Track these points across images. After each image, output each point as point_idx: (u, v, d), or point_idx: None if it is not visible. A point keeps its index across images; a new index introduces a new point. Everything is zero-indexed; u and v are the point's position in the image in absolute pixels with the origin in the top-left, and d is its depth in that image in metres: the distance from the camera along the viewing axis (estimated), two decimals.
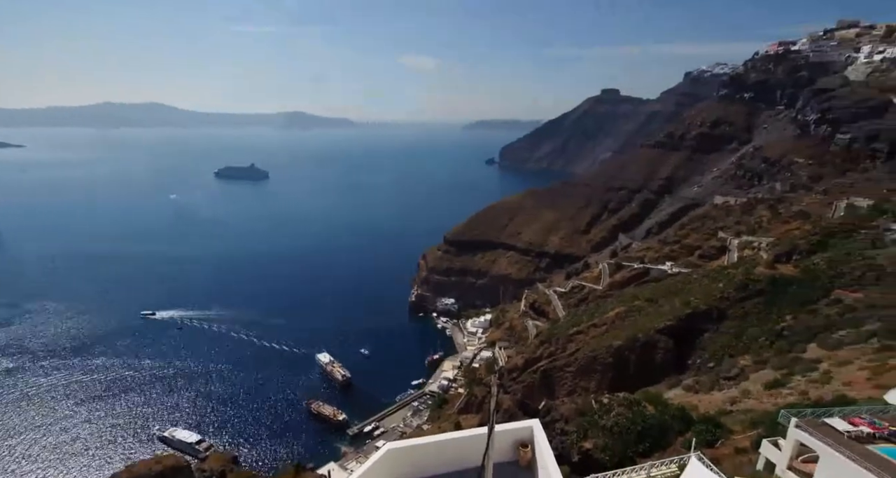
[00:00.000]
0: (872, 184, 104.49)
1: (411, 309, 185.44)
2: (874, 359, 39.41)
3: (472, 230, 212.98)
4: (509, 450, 9.56)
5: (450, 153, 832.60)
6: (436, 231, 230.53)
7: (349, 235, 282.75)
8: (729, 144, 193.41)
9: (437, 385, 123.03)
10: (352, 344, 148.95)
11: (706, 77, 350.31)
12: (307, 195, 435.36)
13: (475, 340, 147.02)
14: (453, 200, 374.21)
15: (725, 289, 72.04)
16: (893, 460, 17.66)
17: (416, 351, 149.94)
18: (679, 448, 34.38)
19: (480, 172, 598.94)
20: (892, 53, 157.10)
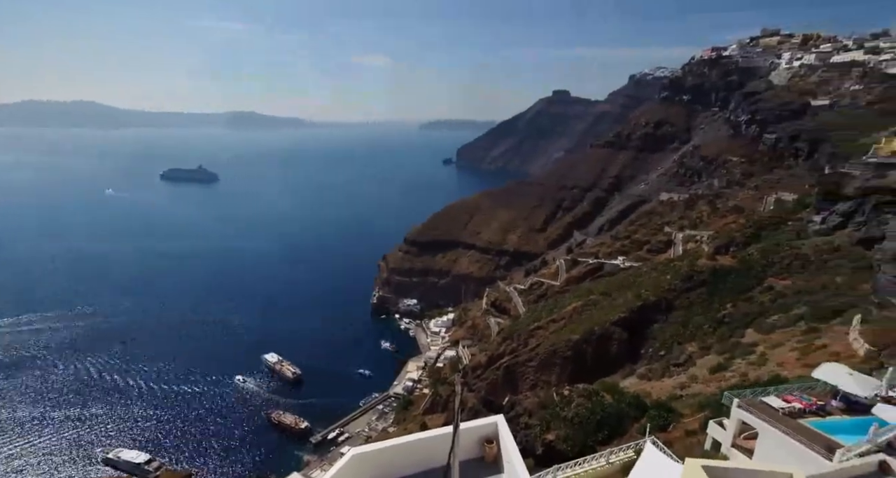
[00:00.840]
0: (796, 180, 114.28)
1: (373, 311, 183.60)
2: (802, 340, 43.37)
3: (432, 230, 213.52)
4: (475, 447, 9.61)
5: (407, 153, 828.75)
6: (396, 231, 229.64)
7: (306, 238, 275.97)
8: (671, 144, 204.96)
9: (401, 387, 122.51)
10: (317, 349, 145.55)
11: (649, 80, 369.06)
12: (260, 197, 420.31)
13: (439, 340, 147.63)
14: (412, 200, 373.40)
15: (672, 281, 76.64)
16: (821, 432, 19.66)
17: (379, 354, 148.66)
18: (635, 434, 36.17)
19: (438, 171, 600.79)
20: (808, 60, 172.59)
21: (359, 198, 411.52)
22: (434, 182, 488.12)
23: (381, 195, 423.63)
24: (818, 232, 76.88)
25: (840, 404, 21.94)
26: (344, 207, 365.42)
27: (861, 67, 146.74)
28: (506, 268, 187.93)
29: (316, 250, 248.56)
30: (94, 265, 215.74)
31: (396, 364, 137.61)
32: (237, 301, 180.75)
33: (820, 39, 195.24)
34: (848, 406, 21.66)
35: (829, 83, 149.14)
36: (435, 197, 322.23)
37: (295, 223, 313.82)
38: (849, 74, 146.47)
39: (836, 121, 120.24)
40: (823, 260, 65.36)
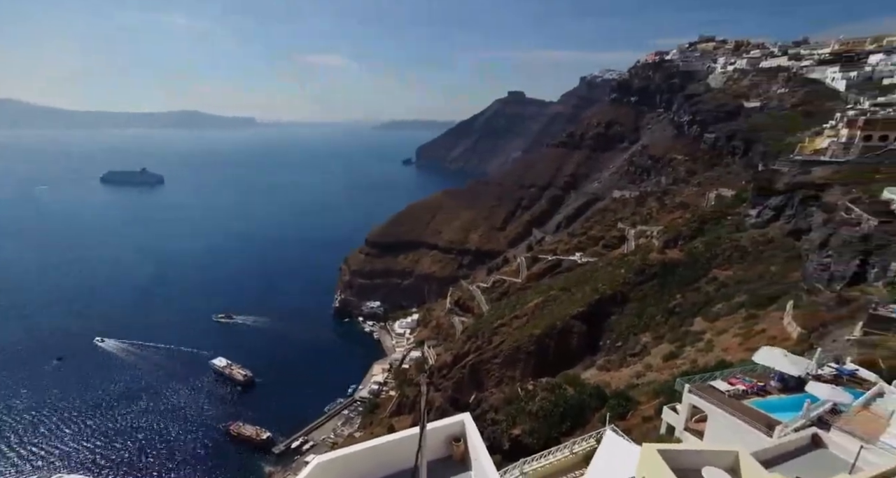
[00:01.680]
0: (734, 177, 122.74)
1: (336, 315, 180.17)
2: (743, 326, 46.86)
3: (393, 231, 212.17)
4: (443, 446, 9.56)
5: (365, 153, 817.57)
6: (357, 233, 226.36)
7: (262, 242, 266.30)
8: (621, 143, 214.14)
9: (367, 390, 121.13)
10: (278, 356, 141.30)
11: (598, 82, 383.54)
12: (211, 201, 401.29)
13: (404, 342, 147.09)
14: (372, 200, 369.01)
15: (626, 275, 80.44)
16: (762, 411, 21.44)
17: (343, 359, 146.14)
18: (596, 424, 37.64)
19: (398, 171, 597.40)
20: (740, 65, 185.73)
21: (317, 199, 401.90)
22: (394, 182, 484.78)
23: (341, 196, 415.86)
24: (754, 225, 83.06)
25: (778, 384, 23.94)
26: (302, 210, 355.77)
27: (786, 72, 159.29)
28: (468, 267, 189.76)
29: (273, 254, 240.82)
30: (21, 276, 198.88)
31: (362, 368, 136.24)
32: (184, 309, 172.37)
33: (750, 46, 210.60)
34: (784, 385, 23.67)
35: (759, 86, 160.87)
36: (396, 197, 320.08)
37: (249, 226, 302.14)
38: (776, 79, 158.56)
39: (765, 122, 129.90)
40: (759, 251, 70.76)
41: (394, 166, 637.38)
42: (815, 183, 72.38)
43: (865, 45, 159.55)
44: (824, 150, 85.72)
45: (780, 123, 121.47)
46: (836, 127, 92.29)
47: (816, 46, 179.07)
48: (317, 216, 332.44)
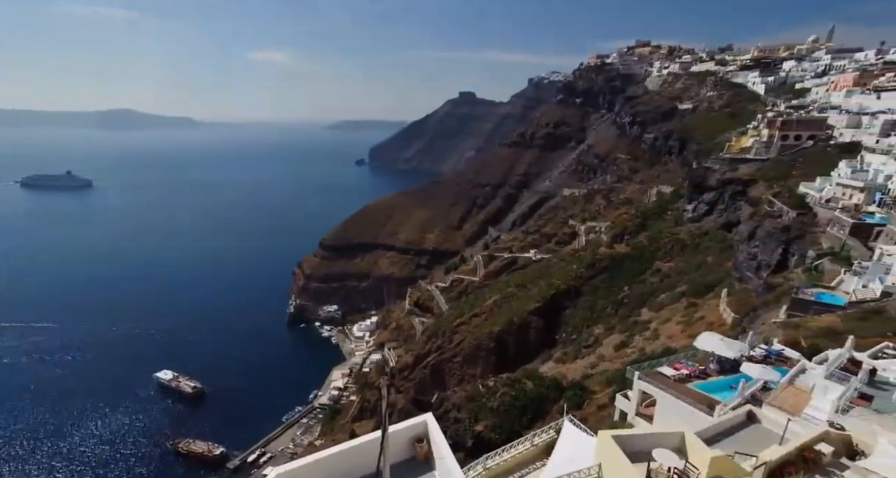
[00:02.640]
0: (671, 174, 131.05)
1: (290, 321, 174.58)
2: (685, 314, 50.38)
3: (349, 233, 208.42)
4: (406, 448, 9.51)
5: (316, 154, 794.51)
6: (310, 236, 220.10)
7: (208, 249, 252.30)
8: (569, 143, 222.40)
9: (327, 397, 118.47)
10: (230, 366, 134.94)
11: (546, 84, 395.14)
12: (147, 206, 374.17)
13: (363, 345, 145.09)
14: (326, 202, 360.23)
15: (579, 269, 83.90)
16: (703, 392, 23.26)
17: (300, 365, 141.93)
18: (555, 415, 39.11)
19: (351, 172, 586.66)
20: (673, 69, 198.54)
21: (267, 203, 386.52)
22: (347, 183, 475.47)
23: (292, 199, 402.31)
24: (691, 219, 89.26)
25: (716, 367, 26.03)
26: (251, 214, 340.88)
27: (714, 76, 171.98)
28: (426, 267, 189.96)
29: (220, 260, 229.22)
30: None
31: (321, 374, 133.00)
32: (122, 320, 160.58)
33: (682, 51, 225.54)
34: (722, 368, 25.78)
35: (691, 89, 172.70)
36: (350, 199, 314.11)
37: (193, 232, 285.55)
38: (705, 82, 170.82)
39: (697, 123, 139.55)
40: (696, 243, 76.15)
41: (347, 167, 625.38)
42: (742, 179, 78.87)
43: (780, 52, 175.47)
44: (749, 148, 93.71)
45: (710, 124, 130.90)
46: (757, 127, 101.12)
47: (739, 53, 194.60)
48: (268, 219, 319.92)
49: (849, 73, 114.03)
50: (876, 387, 17.33)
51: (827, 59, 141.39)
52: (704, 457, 10.87)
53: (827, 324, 31.23)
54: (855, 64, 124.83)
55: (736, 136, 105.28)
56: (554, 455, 16.00)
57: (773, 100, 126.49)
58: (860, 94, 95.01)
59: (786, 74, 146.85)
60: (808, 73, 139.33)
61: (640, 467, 10.72)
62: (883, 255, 40.17)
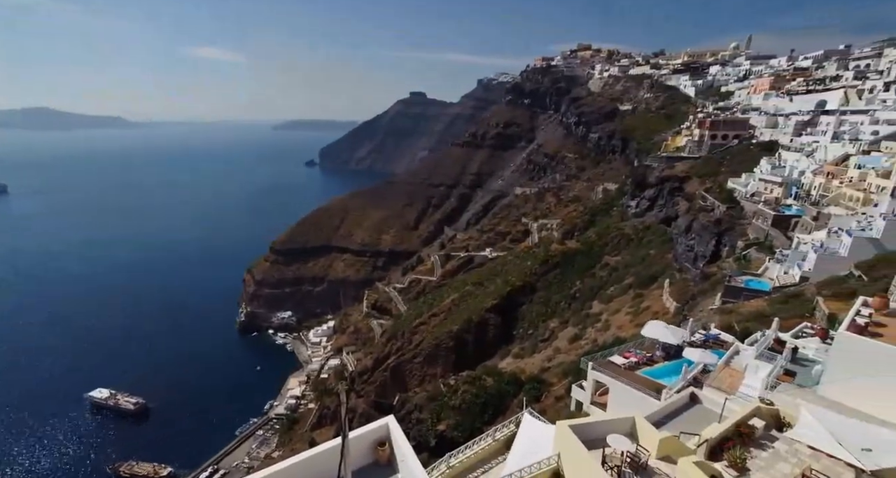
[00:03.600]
0: (615, 172, 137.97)
1: (242, 330, 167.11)
2: (633, 305, 53.29)
3: (301, 236, 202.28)
4: (368, 452, 9.35)
5: (264, 154, 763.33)
6: (260, 240, 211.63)
7: (146, 257, 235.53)
8: (519, 143, 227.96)
9: (283, 406, 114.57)
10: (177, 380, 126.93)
11: (494, 85, 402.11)
12: (76, 213, 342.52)
13: (321, 351, 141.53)
14: (276, 205, 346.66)
15: (533, 266, 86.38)
16: (651, 378, 24.80)
17: (254, 375, 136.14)
18: (515, 409, 40.10)
19: (301, 174, 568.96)
20: (613, 72, 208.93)
21: (211, 207, 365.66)
22: (298, 185, 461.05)
23: (239, 202, 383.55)
24: (634, 215, 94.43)
25: (662, 353, 27.79)
26: (193, 218, 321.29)
27: (650, 79, 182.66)
28: (383, 268, 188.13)
29: (161, 270, 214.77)
30: None
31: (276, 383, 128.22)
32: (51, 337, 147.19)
33: (620, 55, 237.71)
34: (667, 354, 27.56)
35: (630, 92, 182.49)
36: (301, 201, 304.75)
37: (127, 241, 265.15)
38: (642, 85, 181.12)
39: (636, 123, 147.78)
40: (640, 237, 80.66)
41: (296, 168, 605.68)
42: (678, 176, 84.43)
43: (706, 57, 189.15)
44: (683, 147, 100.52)
45: (648, 124, 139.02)
46: (690, 128, 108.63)
47: (671, 58, 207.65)
48: (213, 224, 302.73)
49: (765, 77, 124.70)
50: (798, 364, 19.25)
51: (747, 65, 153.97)
52: (654, 439, 11.67)
53: (756, 308, 34.18)
54: (770, 69, 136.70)
55: (671, 135, 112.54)
56: (514, 448, 16.46)
57: (703, 102, 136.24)
58: (776, 97, 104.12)
59: (712, 78, 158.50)
60: (732, 78, 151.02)
61: (596, 454, 11.32)
62: (800, 243, 44.50)
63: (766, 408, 13.92)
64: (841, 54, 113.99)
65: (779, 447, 12.54)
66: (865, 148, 59.24)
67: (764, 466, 11.71)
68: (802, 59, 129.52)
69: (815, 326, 23.43)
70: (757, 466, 11.62)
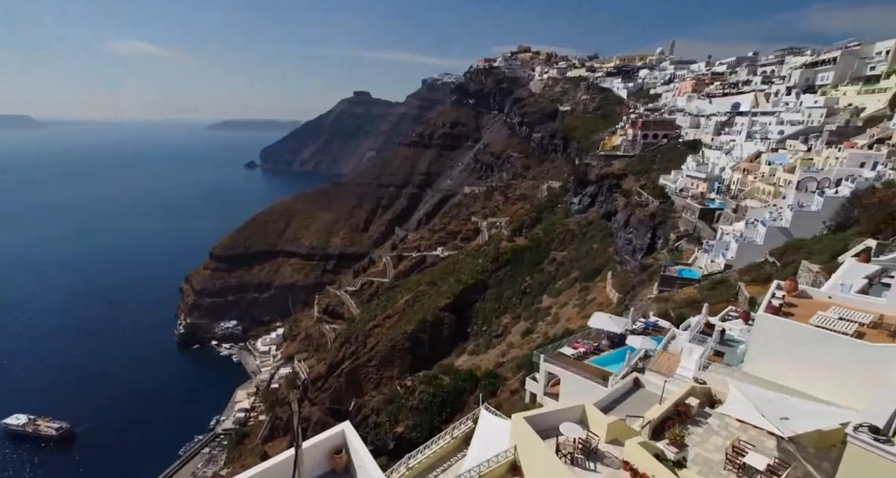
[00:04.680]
0: (558, 170, 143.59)
1: (181, 343, 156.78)
2: (579, 298, 55.83)
3: (244, 241, 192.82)
4: (324, 461, 9.19)
5: (199, 156, 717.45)
6: (198, 247, 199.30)
7: (66, 270, 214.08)
8: (466, 142, 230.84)
9: (231, 420, 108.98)
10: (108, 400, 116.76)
11: (439, 85, 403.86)
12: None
13: (270, 360, 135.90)
14: (214, 210, 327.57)
15: (484, 264, 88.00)
16: (599, 366, 26.15)
17: (197, 390, 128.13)
18: (472, 405, 40.78)
19: (241, 176, 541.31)
20: (552, 74, 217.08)
21: (144, 212, 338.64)
22: (238, 188, 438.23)
23: (172, 207, 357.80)
24: (577, 211, 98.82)
25: (607, 342, 29.38)
26: (120, 228, 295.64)
27: (586, 81, 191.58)
28: (333, 272, 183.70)
29: (88, 284, 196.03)
30: None
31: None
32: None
33: (558, 58, 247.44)
34: (612, 342, 29.16)
35: (568, 93, 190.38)
36: (242, 204, 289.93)
37: (41, 251, 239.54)
38: (579, 86, 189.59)
39: (576, 123, 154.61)
40: (584, 232, 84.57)
41: (236, 170, 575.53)
42: (615, 174, 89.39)
43: (636, 61, 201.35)
44: (619, 146, 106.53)
45: (586, 124, 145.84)
46: (624, 127, 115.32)
47: (604, 61, 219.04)
48: (143, 233, 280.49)
49: (688, 81, 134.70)
50: (725, 344, 21.12)
51: (671, 69, 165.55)
52: (602, 424, 12.43)
53: (688, 295, 37.04)
54: (691, 73, 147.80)
55: (608, 135, 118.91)
56: (473, 444, 16.76)
57: (635, 103, 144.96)
58: (697, 99, 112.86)
59: (642, 81, 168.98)
60: (659, 81, 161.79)
61: (550, 443, 11.88)
62: (723, 234, 48.71)
63: (699, 387, 15.23)
64: (750, 61, 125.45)
65: (712, 423, 13.80)
66: (774, 146, 65.75)
67: (699, 441, 12.84)
68: (718, 65, 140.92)
69: (738, 310, 25.75)
70: (694, 441, 12.72)
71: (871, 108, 61.61)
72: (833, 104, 67.01)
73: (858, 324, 15.26)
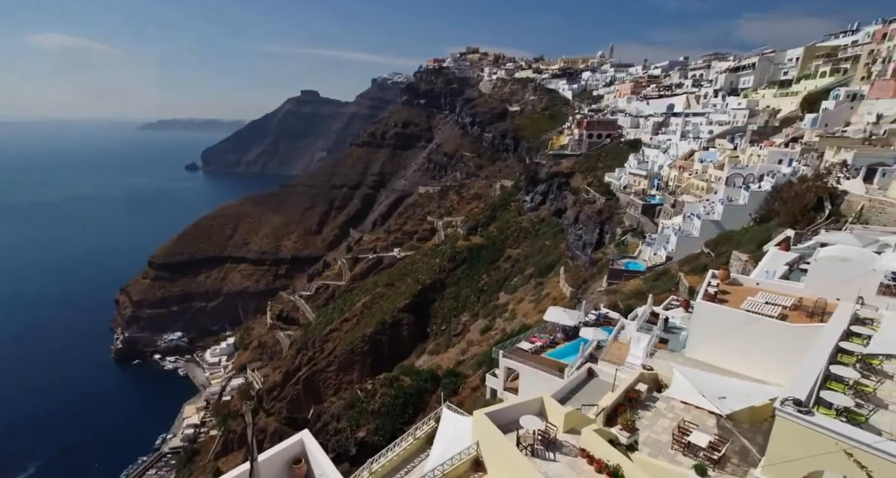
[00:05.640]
0: (510, 169, 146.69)
1: (119, 359, 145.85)
2: (534, 293, 57.44)
3: (187, 248, 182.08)
4: (282, 473, 8.98)
5: (132, 159, 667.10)
6: (135, 256, 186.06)
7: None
8: (419, 142, 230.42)
9: (179, 438, 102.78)
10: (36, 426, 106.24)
11: (389, 84, 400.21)
12: None
13: (220, 371, 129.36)
14: (152, 215, 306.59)
15: (441, 263, 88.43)
16: (555, 359, 27.07)
17: (139, 409, 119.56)
18: (434, 405, 40.87)
19: (181, 179, 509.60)
20: (501, 75, 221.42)
21: (69, 220, 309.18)
22: (178, 192, 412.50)
23: (105, 214, 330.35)
24: (530, 209, 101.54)
25: (562, 335, 30.49)
26: (45, 235, 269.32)
27: (533, 82, 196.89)
28: (286, 276, 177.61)
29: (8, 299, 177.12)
30: None
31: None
32: None
33: (505, 59, 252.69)
34: (567, 335, 30.29)
35: (517, 94, 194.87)
36: (183, 209, 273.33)
37: None
38: (527, 87, 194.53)
39: (525, 123, 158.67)
40: (537, 230, 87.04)
41: (175, 172, 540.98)
42: (564, 172, 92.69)
43: (578, 64, 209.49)
44: (566, 145, 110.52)
45: (535, 124, 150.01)
46: (570, 127, 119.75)
47: (549, 63, 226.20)
48: (74, 241, 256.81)
49: (627, 83, 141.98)
50: (669, 332, 22.55)
51: (612, 72, 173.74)
52: (560, 415, 12.92)
53: (634, 287, 39.14)
54: (630, 76, 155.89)
55: (556, 134, 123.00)
56: (436, 443, 16.80)
57: (579, 104, 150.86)
58: (636, 101, 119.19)
59: (585, 83, 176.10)
60: (601, 83, 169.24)
61: (511, 436, 12.19)
62: (663, 228, 51.85)
63: (647, 374, 16.20)
64: (681, 65, 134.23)
65: (659, 406, 14.73)
66: (705, 145, 70.76)
67: (649, 424, 13.68)
68: (654, 69, 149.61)
69: (679, 299, 27.56)
70: (644, 424, 13.54)
71: (786, 109, 67.77)
72: (754, 106, 73.05)
73: (782, 307, 16.82)
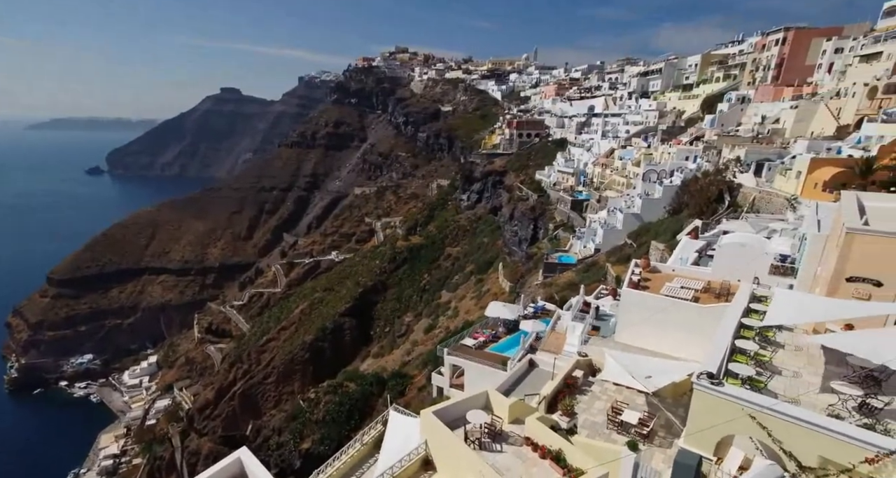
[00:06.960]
0: (446, 168, 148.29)
1: (15, 390, 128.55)
2: (475, 290, 58.77)
3: (94, 260, 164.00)
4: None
5: (21, 161, 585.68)
6: (30, 273, 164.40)
7: None
8: (352, 142, 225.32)
9: (96, 471, 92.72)
10: None
11: (317, 83, 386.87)
12: None
13: (142, 393, 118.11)
14: (48, 226, 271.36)
15: (381, 264, 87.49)
16: (497, 353, 27.96)
17: (44, 443, 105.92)
18: (381, 408, 40.48)
19: (83, 184, 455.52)
20: (432, 75, 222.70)
21: None
22: (80, 198, 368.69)
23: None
24: (467, 207, 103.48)
25: (504, 329, 31.53)
26: None
27: (464, 83, 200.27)
28: (215, 286, 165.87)
29: None
30: None
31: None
32: None
33: (435, 59, 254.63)
34: (508, 329, 31.35)
35: (448, 94, 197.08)
36: (87, 217, 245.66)
37: None
38: (458, 88, 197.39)
39: (458, 123, 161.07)
40: (474, 227, 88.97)
41: (75, 176, 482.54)
42: (497, 170, 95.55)
43: (506, 65, 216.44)
44: (498, 145, 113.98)
45: (468, 124, 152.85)
46: (501, 127, 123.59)
47: (478, 65, 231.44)
48: None
49: (551, 85, 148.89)
50: (601, 319, 24.25)
51: (536, 74, 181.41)
52: (504, 406, 13.46)
53: (568, 279, 41.44)
54: (553, 78, 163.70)
55: (488, 134, 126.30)
56: (384, 447, 16.76)
57: (508, 104, 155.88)
58: (560, 102, 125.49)
59: (513, 84, 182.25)
60: (527, 84, 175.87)
61: (459, 432, 12.51)
62: (591, 222, 55.34)
63: (583, 360, 17.36)
64: (598, 69, 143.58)
65: (594, 390, 15.87)
66: (623, 143, 76.41)
67: (586, 407, 14.70)
68: (574, 72, 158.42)
69: (607, 288, 29.67)
70: (581, 408, 14.53)
71: (689, 111, 75.12)
72: (663, 108, 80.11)
73: (695, 291, 18.80)
